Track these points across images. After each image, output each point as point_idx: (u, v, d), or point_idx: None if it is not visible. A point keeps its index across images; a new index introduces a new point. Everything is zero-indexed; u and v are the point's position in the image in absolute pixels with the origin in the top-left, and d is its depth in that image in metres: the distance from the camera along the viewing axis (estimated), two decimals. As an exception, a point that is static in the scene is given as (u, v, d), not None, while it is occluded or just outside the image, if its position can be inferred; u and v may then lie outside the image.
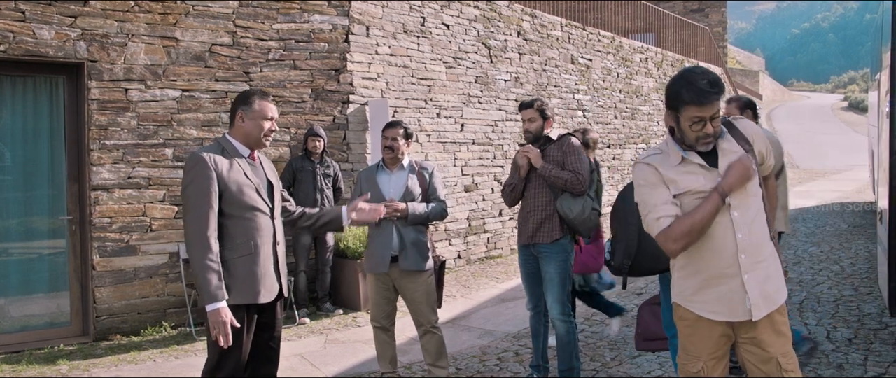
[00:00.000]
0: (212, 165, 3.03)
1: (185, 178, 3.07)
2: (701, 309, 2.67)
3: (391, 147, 4.35)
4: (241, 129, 3.21)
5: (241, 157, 3.19)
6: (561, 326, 4.37)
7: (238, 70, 6.79)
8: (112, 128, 6.15)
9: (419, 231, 4.34)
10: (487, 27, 9.73)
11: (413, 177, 4.39)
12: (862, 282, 7.17)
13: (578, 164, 4.27)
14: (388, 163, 4.43)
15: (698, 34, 20.62)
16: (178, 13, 6.46)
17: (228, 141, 3.22)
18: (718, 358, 2.71)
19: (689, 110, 2.56)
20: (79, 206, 6.13)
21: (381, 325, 4.42)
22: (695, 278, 2.68)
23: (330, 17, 7.31)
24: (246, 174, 3.16)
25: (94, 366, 5.36)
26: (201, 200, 2.99)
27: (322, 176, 6.70)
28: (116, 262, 6.15)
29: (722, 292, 2.62)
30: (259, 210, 3.18)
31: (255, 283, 3.12)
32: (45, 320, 6.08)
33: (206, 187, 3.00)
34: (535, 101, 4.46)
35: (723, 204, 2.54)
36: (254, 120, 3.20)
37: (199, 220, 2.97)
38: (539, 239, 4.35)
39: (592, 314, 6.47)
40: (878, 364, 4.72)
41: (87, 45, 6.01)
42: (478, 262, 9.33)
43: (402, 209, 4.24)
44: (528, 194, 4.45)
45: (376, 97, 7.72)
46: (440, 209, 4.39)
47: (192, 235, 2.97)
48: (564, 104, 11.48)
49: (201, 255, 2.94)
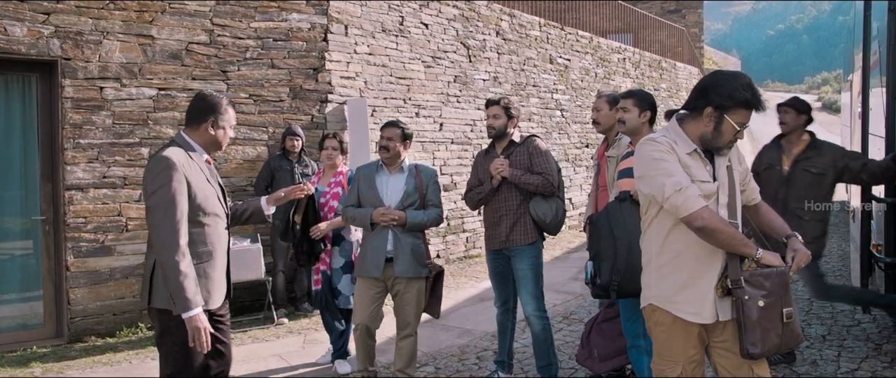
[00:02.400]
0: (181, 169, 2.95)
1: (153, 180, 2.92)
2: (680, 310, 2.68)
3: (386, 147, 4.31)
4: (208, 135, 3.13)
5: (201, 159, 3.13)
6: (537, 323, 4.38)
7: (215, 69, 6.73)
8: (87, 127, 6.07)
9: (416, 237, 4.31)
10: (466, 27, 9.74)
11: (412, 181, 4.33)
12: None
13: (547, 166, 4.28)
14: (386, 163, 4.38)
15: (675, 35, 20.78)
16: (154, 11, 6.39)
17: (189, 143, 3.11)
18: (697, 362, 2.72)
19: (741, 115, 2.60)
20: (52, 206, 6.04)
21: (366, 328, 4.32)
22: (677, 276, 2.69)
23: (308, 15, 7.27)
24: (208, 179, 3.11)
25: (69, 368, 5.28)
26: (175, 205, 2.90)
27: (300, 175, 6.66)
28: (91, 263, 6.06)
29: (699, 292, 2.64)
30: (219, 216, 3.14)
31: (213, 289, 3.09)
32: (18, 322, 5.98)
33: (180, 192, 2.92)
34: (501, 98, 4.46)
35: (754, 255, 2.56)
36: (223, 129, 3.14)
37: (174, 224, 2.88)
38: (513, 242, 4.35)
39: (570, 313, 6.50)
40: (850, 360, 4.80)
41: (60, 42, 5.92)
42: (457, 262, 9.34)
43: (401, 218, 4.20)
44: (497, 197, 4.42)
45: (355, 96, 7.69)
46: (436, 215, 4.35)
47: (167, 240, 2.86)
48: (543, 104, 11.52)
49: (179, 260, 2.86)
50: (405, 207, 4.26)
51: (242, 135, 6.88)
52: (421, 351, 5.18)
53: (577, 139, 12.56)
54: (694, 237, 2.60)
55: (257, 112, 6.98)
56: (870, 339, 5.26)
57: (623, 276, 3.38)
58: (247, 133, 6.90)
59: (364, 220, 4.28)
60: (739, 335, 2.58)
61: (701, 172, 2.65)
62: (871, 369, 4.61)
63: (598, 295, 3.61)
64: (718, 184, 2.68)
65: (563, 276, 8.29)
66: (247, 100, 6.91)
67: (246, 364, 5.29)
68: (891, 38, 4.50)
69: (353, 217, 4.35)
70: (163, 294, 2.95)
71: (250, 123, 6.93)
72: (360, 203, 4.36)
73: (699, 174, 2.64)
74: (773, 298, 2.55)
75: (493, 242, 4.46)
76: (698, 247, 2.63)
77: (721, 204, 2.68)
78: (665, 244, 2.71)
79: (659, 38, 19.92)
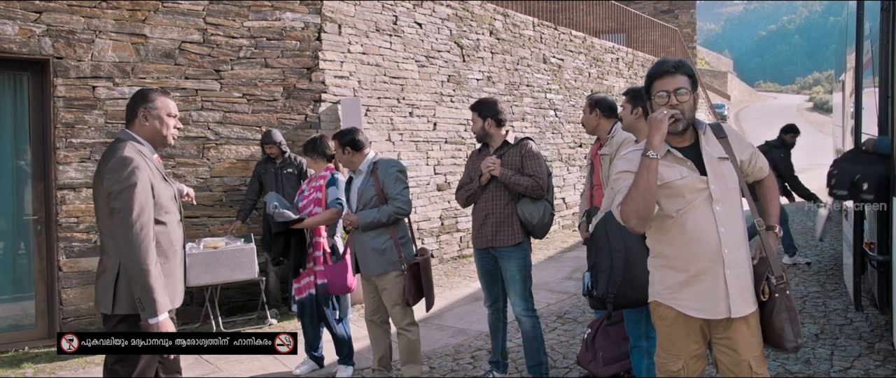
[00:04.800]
0: (145, 169, 2.89)
1: (118, 180, 2.83)
2: (683, 305, 2.70)
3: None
4: (146, 128, 3.05)
5: (151, 157, 3.05)
6: (527, 322, 4.39)
7: (208, 68, 6.70)
8: (79, 126, 6.04)
9: (378, 235, 4.33)
10: (460, 26, 9.74)
11: (369, 181, 4.40)
12: (827, 278, 7.31)
13: (538, 169, 4.29)
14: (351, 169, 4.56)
15: (668, 35, 20.86)
16: (147, 10, 6.36)
17: (138, 139, 3.04)
18: (698, 356, 2.74)
19: (655, 85, 2.69)
20: (44, 206, 6.00)
21: (372, 319, 4.57)
22: (679, 274, 2.70)
23: (302, 15, 7.25)
24: (163, 177, 3.06)
25: (61, 368, 5.26)
26: (142, 206, 2.84)
27: (285, 176, 6.61)
28: (83, 263, 6.03)
29: (705, 288, 2.65)
30: (175, 214, 3.11)
31: (176, 288, 3.07)
32: (9, 323, 5.95)
33: (148, 194, 2.88)
34: (479, 102, 4.52)
35: (650, 161, 2.57)
36: (159, 119, 3.05)
37: (144, 226, 2.82)
38: (499, 243, 4.36)
39: (564, 312, 6.51)
40: (843, 359, 4.82)
41: (52, 41, 5.89)
42: (451, 261, 9.34)
43: (353, 221, 4.31)
44: (484, 196, 4.43)
45: (348, 96, 7.68)
46: (391, 210, 4.30)
47: (137, 242, 2.79)
48: (536, 103, 11.53)
49: (149, 263, 2.79)
50: (360, 209, 4.36)
51: (236, 134, 6.86)
52: (415, 350, 5.17)
53: (570, 139, 12.58)
54: (693, 235, 2.63)
55: (251, 111, 6.96)
56: (862, 337, 5.28)
57: (620, 288, 3.38)
58: (240, 132, 6.88)
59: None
60: (781, 331, 2.65)
61: (672, 172, 2.67)
62: (864, 367, 4.62)
63: (595, 306, 3.60)
64: (707, 178, 2.66)
65: (557, 275, 8.30)
66: (240, 99, 6.89)
67: (240, 365, 5.27)
68: (883, 37, 4.52)
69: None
70: (129, 300, 2.88)
71: (244, 123, 6.91)
72: None
73: (669, 175, 2.67)
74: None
75: (480, 241, 4.47)
76: (697, 244, 2.64)
77: (715, 199, 2.65)
78: (666, 241, 2.73)
79: (652, 39, 19.99)
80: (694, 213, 2.65)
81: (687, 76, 2.67)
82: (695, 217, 2.65)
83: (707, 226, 2.63)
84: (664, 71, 2.68)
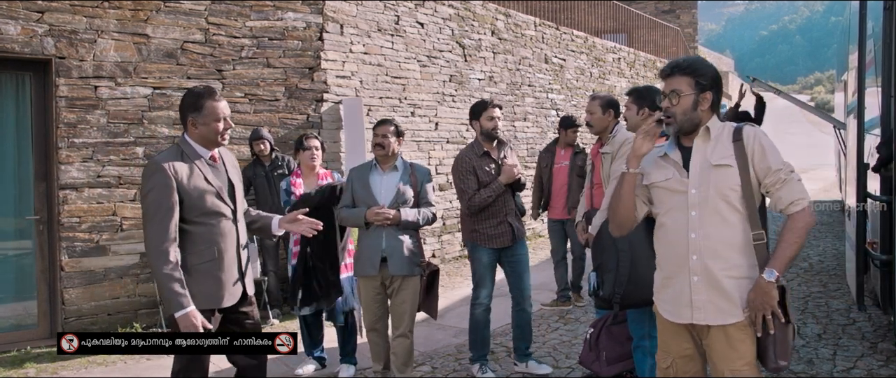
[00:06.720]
0: (171, 174, 2.95)
1: (144, 185, 2.99)
2: (660, 306, 2.74)
3: (381, 144, 4.28)
4: (196, 133, 3.10)
5: (200, 158, 3.10)
6: (531, 308, 4.78)
7: (210, 68, 6.70)
8: (81, 126, 6.04)
9: (410, 235, 4.30)
10: (462, 26, 9.74)
11: (405, 179, 4.33)
12: (830, 278, 7.31)
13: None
14: (380, 161, 4.37)
15: (670, 35, 20.84)
16: (149, 10, 6.36)
17: (188, 143, 3.11)
18: (688, 357, 2.70)
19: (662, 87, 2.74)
20: (46, 206, 6.00)
21: (375, 328, 4.44)
22: (660, 274, 2.75)
23: (303, 14, 7.25)
24: (207, 178, 3.08)
25: (63, 368, 5.25)
26: (161, 210, 2.92)
27: (276, 177, 6.53)
28: (86, 263, 6.03)
29: (673, 292, 2.65)
30: (221, 214, 3.11)
31: (219, 288, 3.08)
32: (11, 323, 5.95)
33: (166, 196, 2.93)
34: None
35: (626, 175, 2.68)
36: (206, 124, 3.08)
37: (159, 230, 2.91)
38: (520, 236, 4.67)
39: (566, 312, 6.50)
40: (846, 359, 4.81)
41: (54, 41, 5.89)
42: (452, 261, 9.33)
43: (393, 217, 4.18)
44: (498, 200, 4.60)
45: (350, 96, 7.68)
46: (430, 215, 4.35)
47: (152, 246, 2.92)
48: (538, 103, 11.52)
49: (162, 265, 2.89)
50: (398, 206, 4.25)
51: (238, 134, 6.85)
52: (417, 350, 5.17)
53: (572, 139, 12.55)
54: (669, 237, 2.64)
55: (253, 111, 6.96)
56: (865, 337, 5.27)
57: (626, 288, 3.38)
58: (242, 132, 6.88)
59: (358, 219, 4.28)
60: (765, 351, 2.51)
61: (660, 173, 2.69)
62: (867, 368, 4.62)
63: (601, 306, 3.62)
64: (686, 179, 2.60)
65: (559, 275, 8.27)
66: (242, 99, 6.89)
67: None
68: (886, 37, 4.52)
69: (347, 217, 4.36)
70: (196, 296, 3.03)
71: (246, 123, 6.90)
72: (355, 203, 4.35)
73: (656, 175, 2.69)
74: None
75: (502, 240, 4.60)
76: (669, 247, 2.65)
77: (691, 204, 2.56)
78: (656, 240, 2.77)
79: (653, 39, 19.98)
80: (671, 215, 2.64)
81: (688, 77, 2.61)
82: (673, 219, 2.63)
83: (679, 230, 2.59)
84: (662, 74, 2.72)
